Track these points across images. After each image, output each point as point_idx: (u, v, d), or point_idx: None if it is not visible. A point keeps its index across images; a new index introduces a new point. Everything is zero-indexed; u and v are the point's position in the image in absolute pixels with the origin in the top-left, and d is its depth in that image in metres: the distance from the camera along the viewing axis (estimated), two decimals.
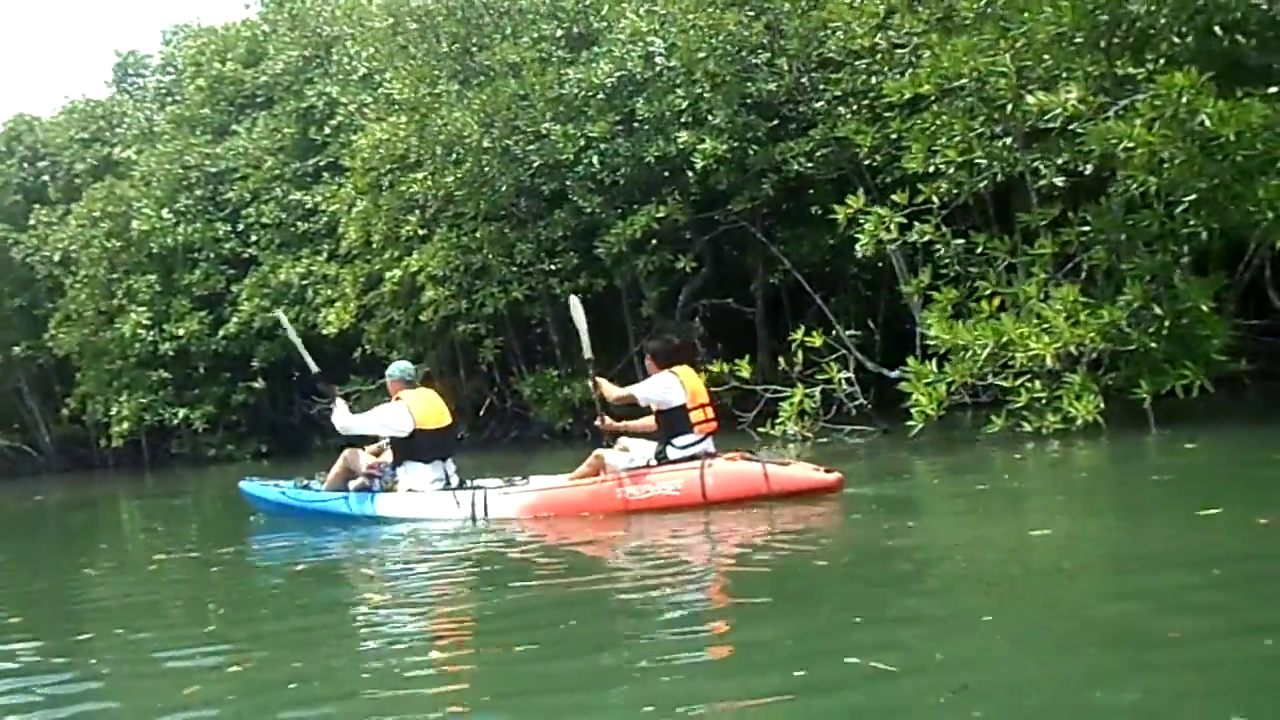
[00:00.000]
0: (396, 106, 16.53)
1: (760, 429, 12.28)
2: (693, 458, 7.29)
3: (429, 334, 17.45)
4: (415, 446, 8.02)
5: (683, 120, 14.48)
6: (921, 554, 5.40)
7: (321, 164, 19.75)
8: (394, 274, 16.01)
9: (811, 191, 15.16)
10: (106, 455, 26.02)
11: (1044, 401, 9.29)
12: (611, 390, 7.84)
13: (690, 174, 14.75)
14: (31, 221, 22.90)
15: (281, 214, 20.04)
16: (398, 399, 8.14)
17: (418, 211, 16.23)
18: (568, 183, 14.94)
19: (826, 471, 7.12)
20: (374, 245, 16.72)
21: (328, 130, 19.69)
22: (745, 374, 12.35)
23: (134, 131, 24.48)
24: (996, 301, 10.05)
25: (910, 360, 10.14)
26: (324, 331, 17.77)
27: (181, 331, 20.81)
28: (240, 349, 21.27)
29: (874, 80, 13.65)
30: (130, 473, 23.17)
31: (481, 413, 18.27)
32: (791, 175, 14.21)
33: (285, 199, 19.87)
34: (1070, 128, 9.34)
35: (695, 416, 7.43)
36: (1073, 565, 4.85)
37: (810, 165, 14.06)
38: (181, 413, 21.15)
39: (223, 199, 21.54)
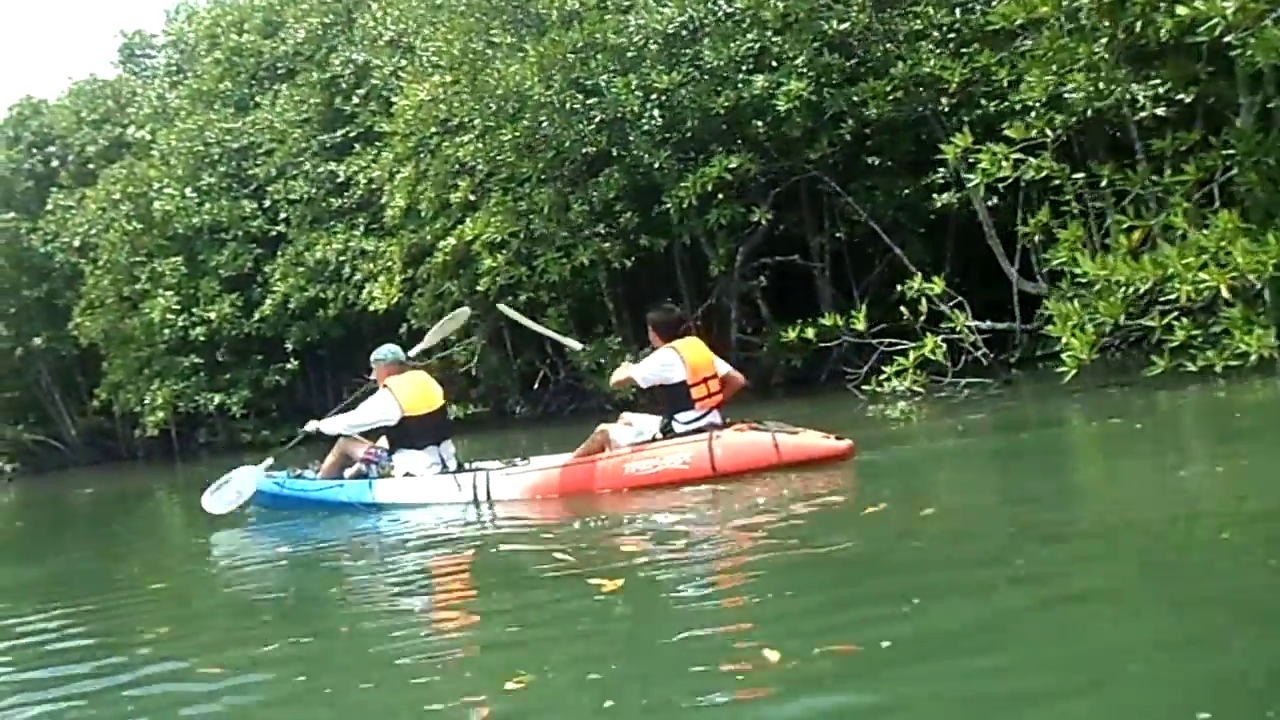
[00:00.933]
0: (439, 66, 15.75)
1: (864, 387, 11.56)
2: (698, 431, 7.04)
3: (481, 305, 16.68)
4: (406, 433, 7.82)
5: (748, 67, 13.75)
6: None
7: (352, 134, 18.91)
8: (447, 242, 15.20)
9: (888, 137, 14.48)
10: (135, 446, 25.37)
11: (1199, 339, 8.60)
12: (615, 374, 7.54)
13: (760, 123, 14.02)
14: (49, 207, 22.01)
15: (311, 188, 19.21)
16: (384, 386, 7.88)
17: (467, 176, 15.41)
18: (629, 138, 14.15)
19: (837, 439, 6.83)
20: (422, 214, 15.91)
21: (356, 99, 18.85)
22: (861, 327, 11.58)
23: (147, 110, 23.58)
24: (1137, 235, 9.33)
25: (1049, 303, 9.42)
26: (370, 308, 17.00)
27: (212, 315, 20.03)
28: (272, 331, 20.54)
29: (957, 13, 12.99)
30: (161, 464, 22.44)
31: (536, 386, 17.56)
32: (871, 119, 13.44)
33: (315, 172, 19.03)
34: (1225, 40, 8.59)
35: (697, 392, 7.13)
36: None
37: (890, 107, 13.30)
38: (217, 398, 20.38)
39: (248, 175, 20.69)
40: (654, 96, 13.86)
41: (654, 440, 7.16)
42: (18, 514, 14.70)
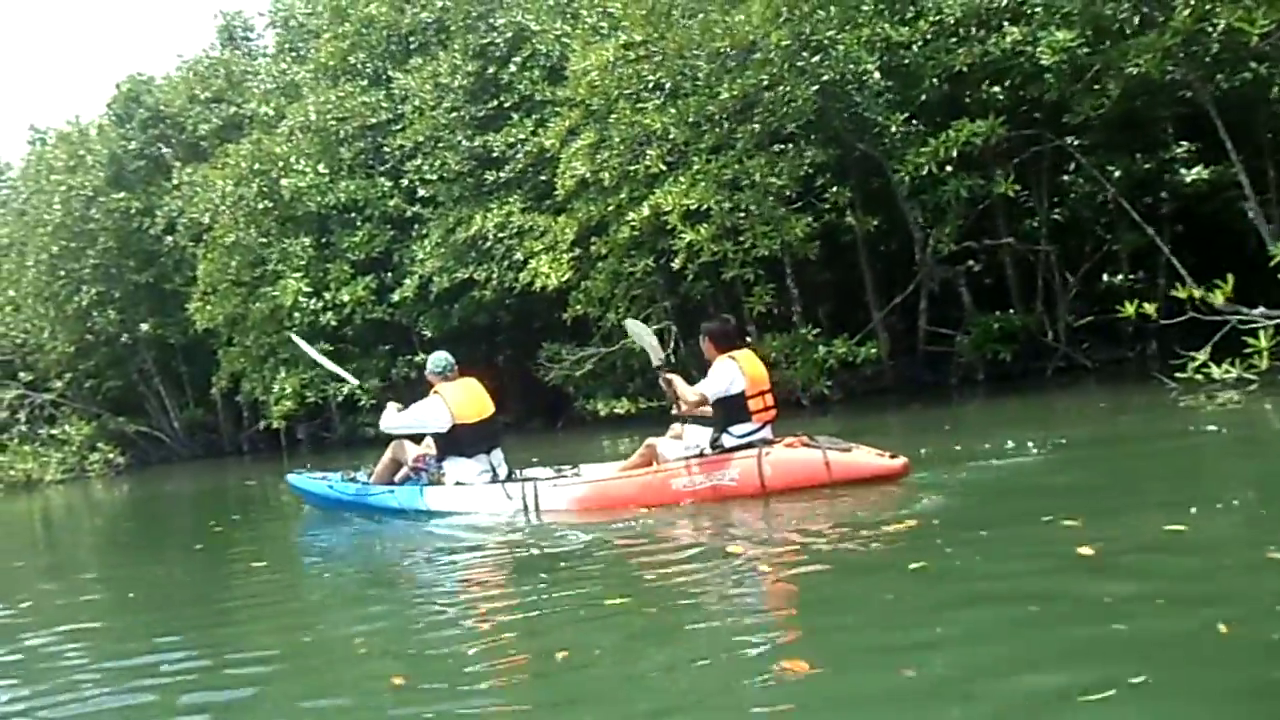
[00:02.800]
0: (617, 27, 14.46)
1: (1178, 375, 9.99)
2: (749, 445, 6.92)
3: (666, 281, 15.29)
4: (456, 441, 7.81)
5: (993, 21, 12.35)
6: None
7: (507, 104, 17.59)
8: (639, 213, 13.76)
9: (1142, 102, 12.99)
10: (240, 441, 24.24)
11: None
12: (686, 394, 7.12)
13: (998, 87, 12.61)
14: (175, 182, 20.84)
15: (456, 164, 17.87)
16: (435, 393, 7.90)
17: (657, 144, 14.02)
18: (855, 99, 12.74)
19: (891, 457, 6.63)
20: (605, 184, 14.53)
21: (513, 67, 17.53)
22: (1219, 300, 9.95)
23: (269, 86, 22.43)
24: None
25: None
26: (536, 286, 15.60)
27: (346, 298, 18.74)
28: (407, 317, 19.28)
29: None
30: (268, 459, 21.19)
31: None
32: (1131, 79, 11.93)
33: (469, 145, 17.67)
34: None
35: (754, 404, 7.00)
36: None
37: (1160, 66, 11.79)
38: (346, 389, 19.03)
39: (385, 152, 19.44)
40: (880, 56, 12.50)
41: (703, 454, 7.01)
42: (205, 508, 13.16)
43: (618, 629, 4.15)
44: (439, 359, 8.18)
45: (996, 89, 12.68)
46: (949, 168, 12.77)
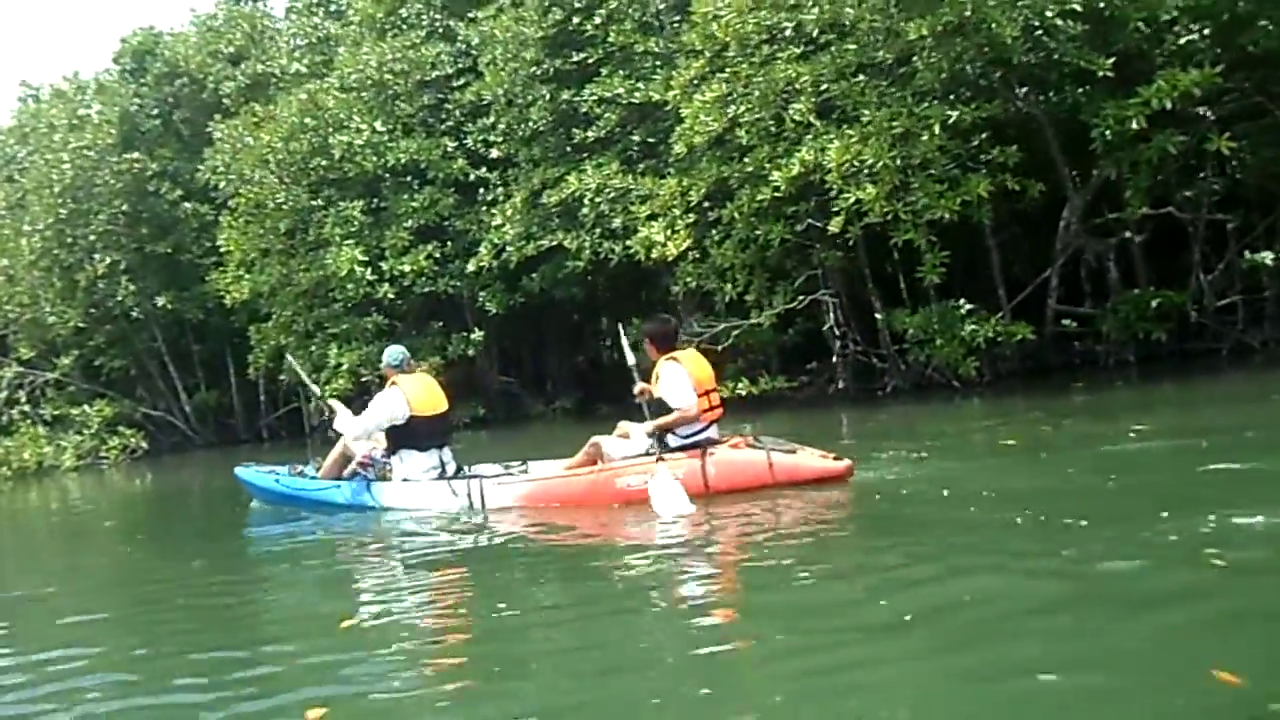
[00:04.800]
0: None
1: None
2: (695, 445, 6.90)
3: (789, 258, 13.94)
4: (412, 433, 7.81)
5: None
6: None
7: (590, 60, 16.06)
8: (787, 171, 12.31)
9: None
10: (258, 426, 22.40)
11: None
12: (672, 423, 6.99)
13: (1195, 36, 11.45)
14: (217, 135, 18.92)
15: (536, 121, 16.33)
16: (393, 384, 7.91)
17: (801, 96, 12.64)
18: (1051, 45, 11.49)
19: (835, 459, 6.63)
20: (742, 142, 13.10)
21: (597, 19, 16.00)
22: None
23: (298, 43, 20.64)
24: None
25: None
26: (654, 256, 14.10)
27: (406, 268, 17.08)
28: (466, 291, 17.71)
29: None
30: (289, 446, 19.35)
31: (834, 358, 14.80)
32: None
33: (552, 102, 16.11)
34: None
35: (700, 405, 6.96)
36: None
37: None
38: None
39: (448, 109, 17.83)
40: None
41: (648, 454, 6.95)
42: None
43: (555, 628, 4.18)
44: (395, 352, 8.22)
45: (1195, 37, 11.50)
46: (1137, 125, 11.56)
